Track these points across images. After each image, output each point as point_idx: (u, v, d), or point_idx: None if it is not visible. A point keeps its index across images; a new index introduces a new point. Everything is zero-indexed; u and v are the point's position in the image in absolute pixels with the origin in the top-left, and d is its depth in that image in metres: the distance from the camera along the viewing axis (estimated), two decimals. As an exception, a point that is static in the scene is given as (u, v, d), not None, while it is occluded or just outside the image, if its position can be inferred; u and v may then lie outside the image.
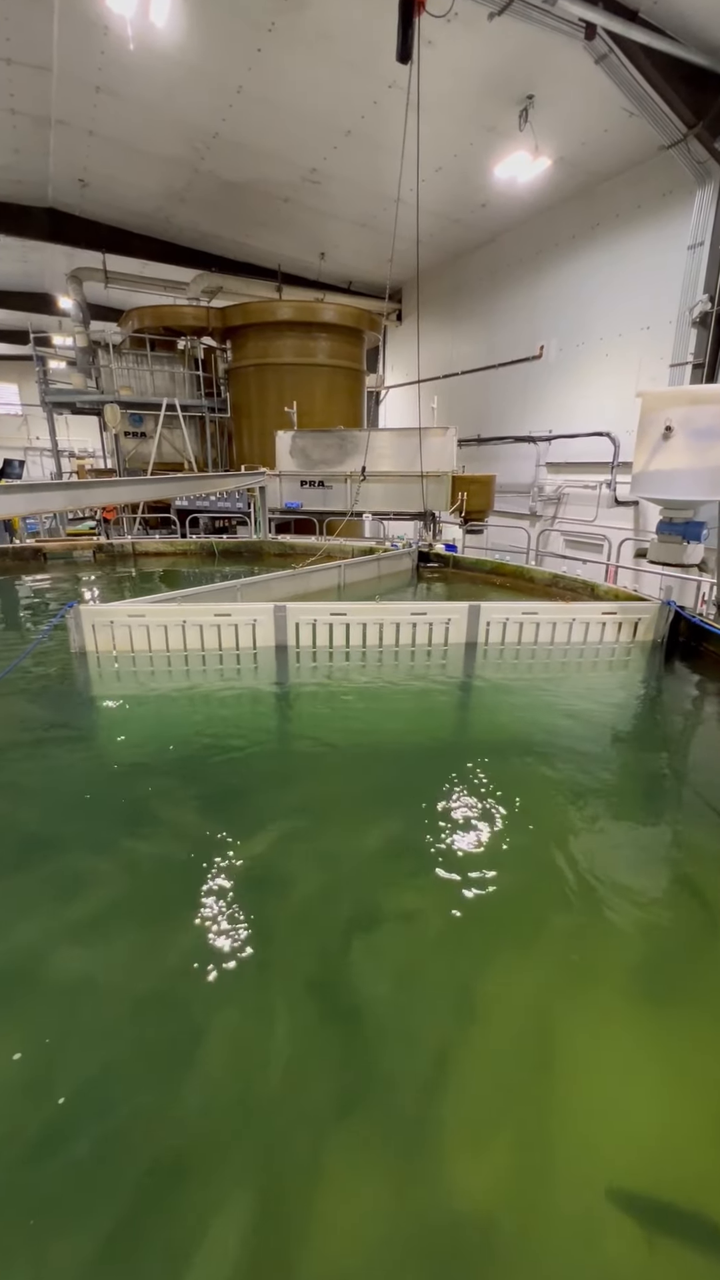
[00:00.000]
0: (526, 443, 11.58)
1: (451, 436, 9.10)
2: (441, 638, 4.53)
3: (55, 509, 8.73)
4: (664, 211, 8.66)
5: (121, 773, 3.04)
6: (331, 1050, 1.61)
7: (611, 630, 4.64)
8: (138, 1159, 1.35)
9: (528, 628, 4.57)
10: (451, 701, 3.99)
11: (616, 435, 9.59)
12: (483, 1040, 1.66)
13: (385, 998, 1.75)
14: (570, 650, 4.63)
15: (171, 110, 8.92)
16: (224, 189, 11.08)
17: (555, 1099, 1.51)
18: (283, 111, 8.71)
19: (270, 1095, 1.49)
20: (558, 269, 10.74)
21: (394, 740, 3.42)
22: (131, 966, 1.86)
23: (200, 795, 2.79)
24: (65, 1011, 1.71)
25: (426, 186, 9.19)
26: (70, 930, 2.01)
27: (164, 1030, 1.66)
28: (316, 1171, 1.34)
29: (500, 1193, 1.31)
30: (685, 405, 3.90)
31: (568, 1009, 1.76)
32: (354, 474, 8.76)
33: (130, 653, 4.23)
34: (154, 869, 2.30)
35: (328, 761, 3.17)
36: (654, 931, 2.05)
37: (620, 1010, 1.77)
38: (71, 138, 9.83)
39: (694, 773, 3.29)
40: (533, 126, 8.09)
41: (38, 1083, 1.51)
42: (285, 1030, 1.64)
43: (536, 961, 1.92)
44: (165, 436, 12.46)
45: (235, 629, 4.29)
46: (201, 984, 1.77)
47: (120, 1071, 1.54)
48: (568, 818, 2.67)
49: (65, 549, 8.32)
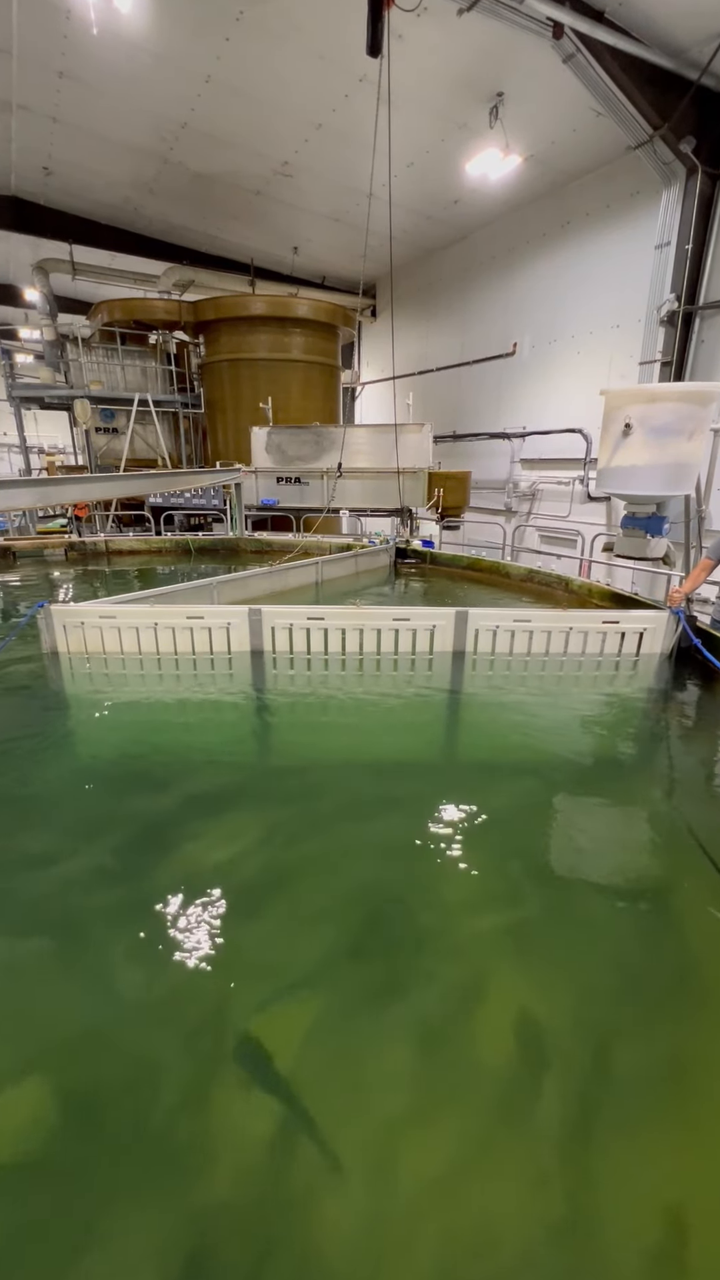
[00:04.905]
0: (501, 439, 11.69)
1: (427, 433, 9.13)
2: (426, 645, 4.23)
3: (24, 506, 8.52)
4: (632, 211, 8.80)
5: (80, 781, 2.93)
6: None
7: (614, 641, 4.20)
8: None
9: (520, 636, 4.21)
10: (436, 718, 3.72)
11: (589, 432, 9.75)
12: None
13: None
14: (567, 663, 4.21)
15: (138, 98, 8.73)
16: (194, 180, 10.90)
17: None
18: (253, 102, 8.59)
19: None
20: (530, 266, 10.84)
21: (372, 759, 3.18)
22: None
23: (147, 816, 2.61)
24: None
25: (398, 182, 9.20)
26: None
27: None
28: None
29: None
30: (643, 403, 3.98)
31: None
32: (330, 470, 8.74)
33: (103, 654, 4.14)
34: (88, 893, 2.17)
35: (303, 781, 2.98)
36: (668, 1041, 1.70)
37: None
38: (34, 124, 9.55)
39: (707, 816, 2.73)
40: (503, 124, 8.13)
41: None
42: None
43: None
44: (138, 432, 12.24)
45: (209, 632, 4.14)
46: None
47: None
48: (562, 860, 2.42)
49: (35, 547, 8.13)
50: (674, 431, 3.77)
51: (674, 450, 3.79)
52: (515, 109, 8.04)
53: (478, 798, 2.79)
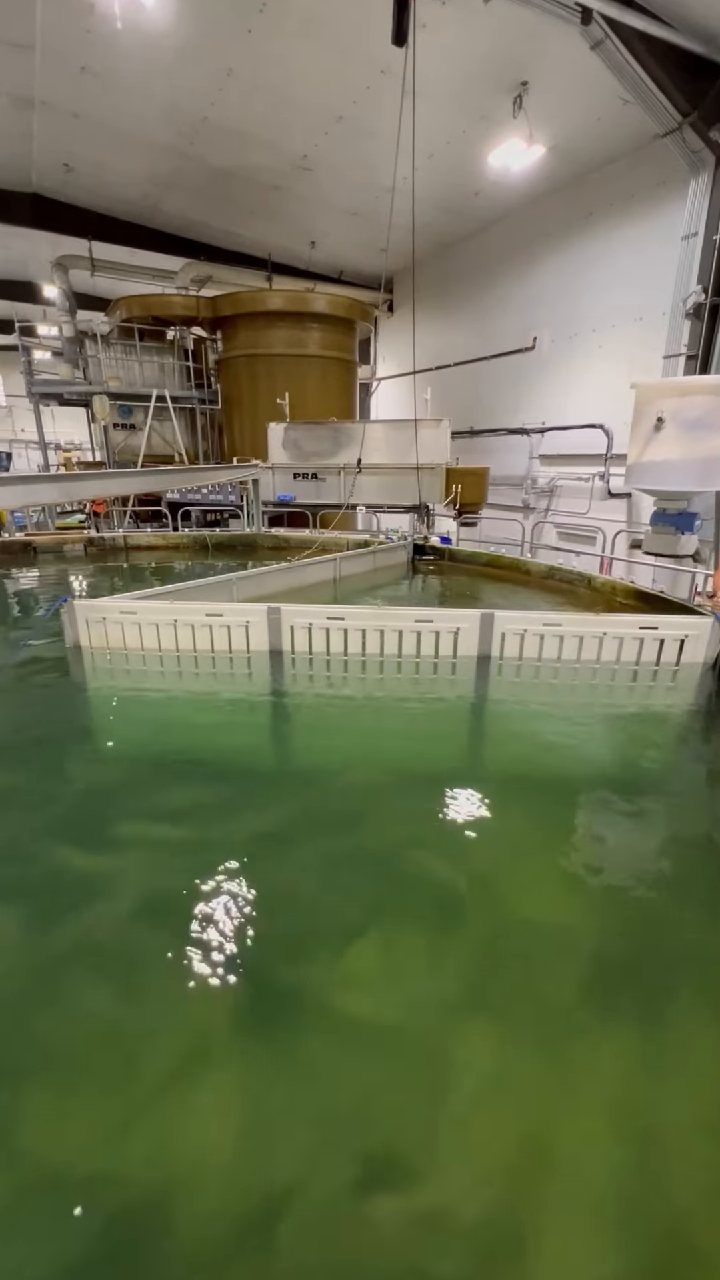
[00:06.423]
0: (519, 435, 11.55)
1: (445, 428, 9.05)
2: (450, 649, 4.03)
3: (48, 501, 8.60)
4: (658, 201, 8.62)
5: (93, 775, 2.94)
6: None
7: (651, 649, 3.95)
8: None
9: (550, 641, 3.96)
10: (458, 728, 3.54)
11: (610, 427, 9.59)
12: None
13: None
14: (600, 671, 3.95)
15: (159, 93, 8.72)
16: (213, 176, 10.88)
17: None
18: (274, 95, 8.54)
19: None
20: (550, 259, 10.68)
21: (390, 767, 3.02)
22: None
23: (157, 812, 2.56)
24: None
25: (419, 174, 9.07)
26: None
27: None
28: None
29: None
30: (676, 397, 3.89)
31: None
32: (348, 466, 8.69)
33: (124, 650, 4.15)
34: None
35: (316, 789, 2.86)
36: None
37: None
38: (56, 120, 9.59)
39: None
40: (527, 114, 8.00)
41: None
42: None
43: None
44: (155, 429, 12.29)
45: (228, 630, 4.08)
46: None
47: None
48: (599, 883, 2.22)
49: (55, 543, 8.19)
50: (707, 425, 3.67)
51: (707, 444, 3.70)
52: (540, 98, 7.90)
53: (501, 821, 2.60)
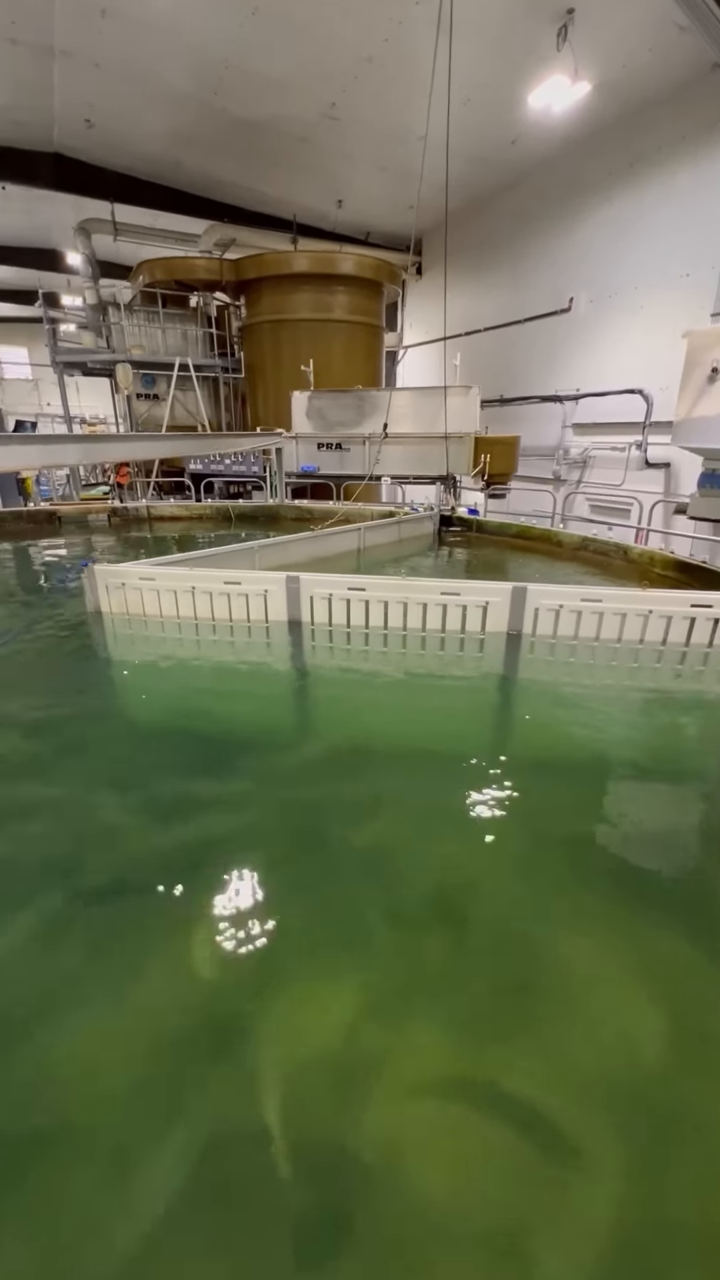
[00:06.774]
0: (552, 402, 11.07)
1: (474, 396, 8.67)
2: (478, 624, 3.77)
3: (70, 462, 8.58)
4: (712, 144, 7.97)
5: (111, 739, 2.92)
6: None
7: (704, 629, 3.56)
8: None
9: (588, 618, 3.61)
10: (486, 709, 3.29)
11: (650, 392, 9.10)
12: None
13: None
14: (643, 653, 3.59)
15: (183, 34, 8.32)
16: (236, 127, 10.44)
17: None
18: (300, 33, 8.07)
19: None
20: (591, 213, 10.04)
21: (411, 750, 2.86)
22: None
23: (160, 799, 2.47)
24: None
25: (453, 121, 8.56)
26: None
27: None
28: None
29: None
30: (734, 347, 3.57)
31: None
32: (373, 435, 8.42)
33: (143, 616, 4.09)
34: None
35: (331, 770, 2.73)
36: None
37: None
38: (76, 71, 9.26)
39: None
40: (572, 46, 7.41)
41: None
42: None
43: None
44: (178, 399, 12.12)
45: (246, 599, 3.96)
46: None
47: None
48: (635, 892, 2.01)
49: (80, 513, 8.18)
50: (767, 378, 3.36)
51: (765, 399, 3.39)
52: (586, 29, 7.29)
53: (530, 810, 2.41)
